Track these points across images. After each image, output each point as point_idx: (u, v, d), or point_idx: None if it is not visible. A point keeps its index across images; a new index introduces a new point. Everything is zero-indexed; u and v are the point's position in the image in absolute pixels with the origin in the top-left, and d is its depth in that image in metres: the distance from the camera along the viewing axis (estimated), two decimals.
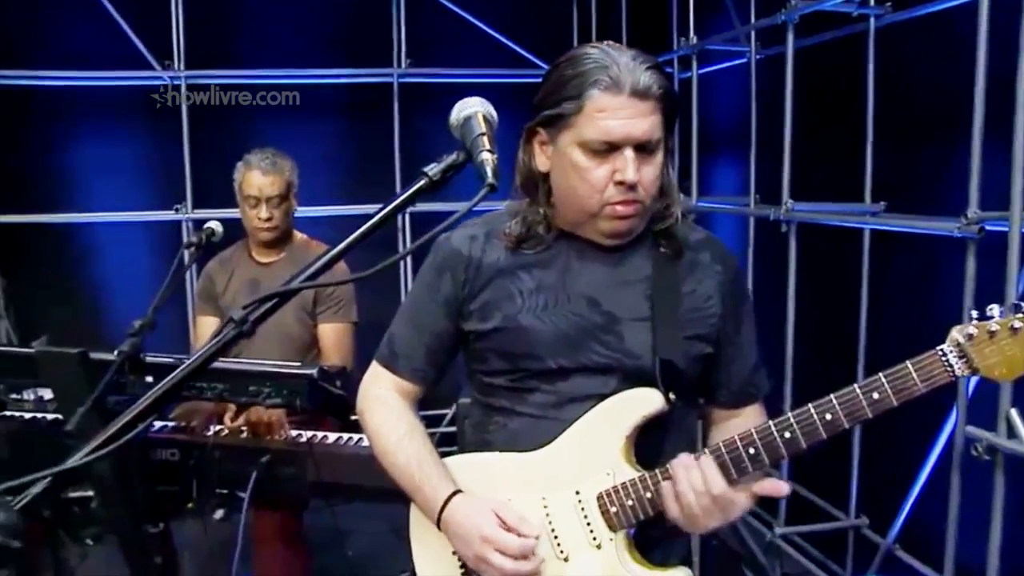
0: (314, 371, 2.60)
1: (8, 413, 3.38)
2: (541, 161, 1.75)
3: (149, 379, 2.62)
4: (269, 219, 3.49)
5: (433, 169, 1.40)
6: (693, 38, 4.62)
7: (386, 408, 1.91)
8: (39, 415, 3.31)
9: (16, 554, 0.95)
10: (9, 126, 5.16)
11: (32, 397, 4.14)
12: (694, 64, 4.67)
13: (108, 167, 5.24)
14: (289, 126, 5.25)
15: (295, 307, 3.52)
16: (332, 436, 3.02)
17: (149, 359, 2.61)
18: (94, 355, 2.60)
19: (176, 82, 5.14)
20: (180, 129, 5.15)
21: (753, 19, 4.26)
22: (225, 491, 2.94)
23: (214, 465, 2.88)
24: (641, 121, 1.63)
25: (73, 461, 1.08)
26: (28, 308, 5.04)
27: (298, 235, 3.67)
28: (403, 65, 5.34)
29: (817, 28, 3.91)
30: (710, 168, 5.00)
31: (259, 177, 3.50)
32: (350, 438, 3.01)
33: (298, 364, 2.72)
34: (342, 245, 1.29)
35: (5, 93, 5.13)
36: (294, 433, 3.01)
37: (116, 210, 5.24)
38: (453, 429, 4.13)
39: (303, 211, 3.69)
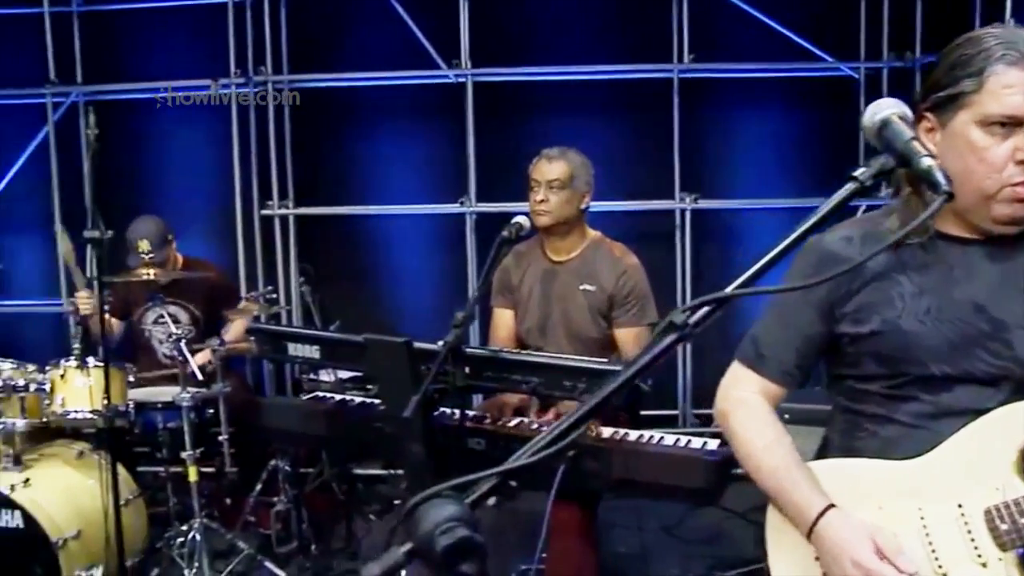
0: None
1: (320, 394, 3.58)
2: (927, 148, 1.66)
3: (466, 370, 2.72)
4: (543, 201, 3.50)
5: (864, 174, 1.34)
6: (1010, 22, 4.29)
7: (751, 411, 1.87)
8: (347, 397, 3.48)
9: (480, 547, 0.97)
10: (312, 125, 5.54)
11: (331, 379, 4.39)
12: None
13: (398, 162, 5.50)
14: (568, 121, 5.31)
15: (589, 309, 3.53)
16: (634, 434, 3.01)
17: (468, 351, 2.70)
18: (417, 345, 2.70)
19: (461, 80, 5.30)
20: (465, 125, 5.30)
21: None
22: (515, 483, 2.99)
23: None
24: None
25: (519, 460, 1.10)
26: (322, 294, 5.31)
27: (592, 233, 3.67)
28: (685, 60, 5.25)
29: None
30: None
31: (544, 164, 3.56)
32: (651, 437, 2.99)
33: (612, 361, 2.72)
34: (778, 249, 1.25)
35: (308, 94, 5.51)
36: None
37: (405, 203, 5.48)
38: None
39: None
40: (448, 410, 2.94)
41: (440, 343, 2.60)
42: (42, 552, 3.66)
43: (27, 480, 3.76)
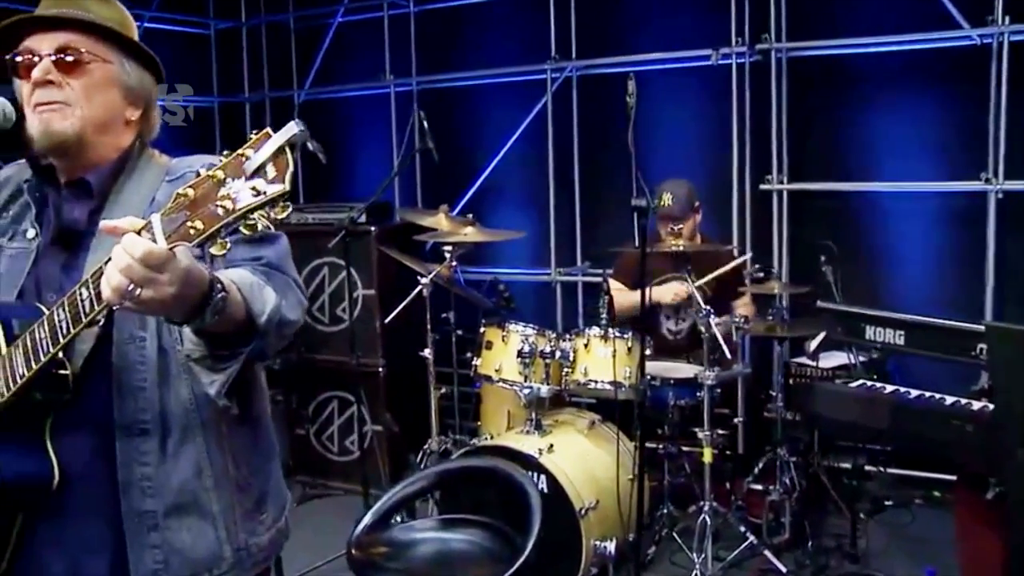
0: None
1: (868, 383, 3.27)
2: None
3: None
4: None
5: None
6: None
7: None
8: (900, 389, 3.13)
9: None
10: (812, 95, 5.23)
11: (835, 363, 4.09)
12: None
13: (905, 135, 5.02)
14: None
15: None
16: None
17: None
18: None
19: (987, 41, 4.70)
20: (988, 93, 4.71)
21: None
22: None
23: None
24: None
25: None
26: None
27: None
28: None
29: None
30: None
31: None
32: None
33: None
34: None
35: (807, 63, 5.20)
36: None
37: (912, 179, 4.98)
38: None
39: None
40: None
41: None
42: (564, 519, 3.71)
43: (551, 446, 3.82)
